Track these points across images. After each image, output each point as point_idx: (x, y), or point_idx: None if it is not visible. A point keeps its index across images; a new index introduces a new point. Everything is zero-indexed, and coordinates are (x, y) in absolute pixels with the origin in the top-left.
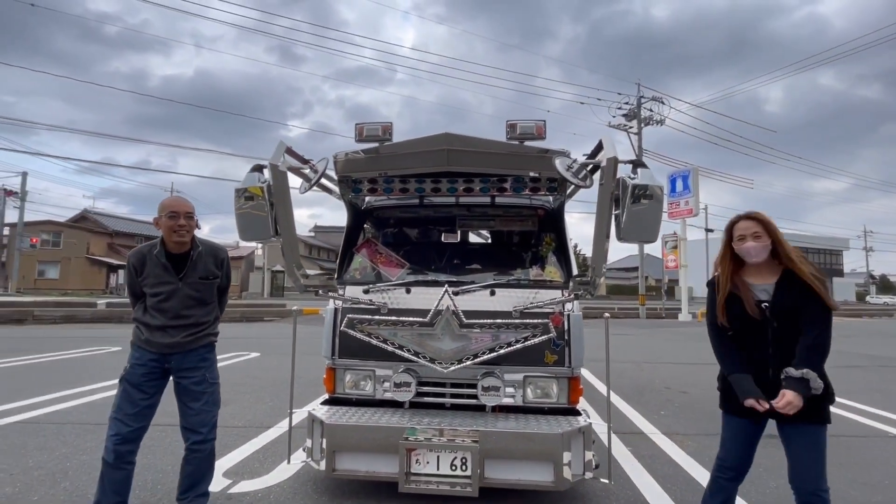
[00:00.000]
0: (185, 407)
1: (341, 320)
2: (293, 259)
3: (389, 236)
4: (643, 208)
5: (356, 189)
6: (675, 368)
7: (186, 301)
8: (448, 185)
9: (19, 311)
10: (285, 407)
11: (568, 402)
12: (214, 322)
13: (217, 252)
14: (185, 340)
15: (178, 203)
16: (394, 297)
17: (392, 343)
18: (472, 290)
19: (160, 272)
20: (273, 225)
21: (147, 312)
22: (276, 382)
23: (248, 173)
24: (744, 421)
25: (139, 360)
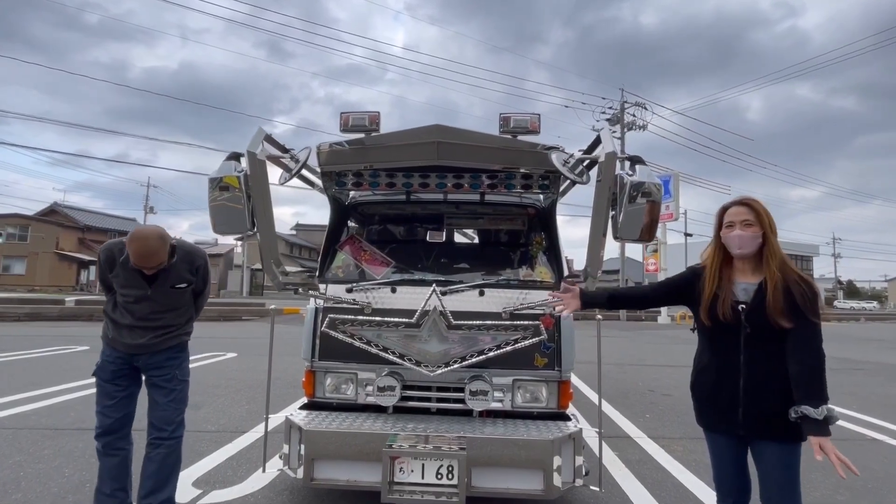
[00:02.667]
0: (153, 401)
1: (322, 320)
2: (271, 255)
3: (374, 233)
4: (641, 206)
5: (340, 183)
6: (658, 371)
7: (155, 307)
8: (437, 180)
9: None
10: (262, 410)
11: (558, 407)
12: (186, 323)
13: (193, 258)
14: (153, 342)
15: (146, 260)
16: (378, 297)
17: (376, 345)
18: (461, 290)
19: (129, 276)
20: (250, 218)
21: (117, 309)
22: (253, 384)
23: (224, 162)
24: (722, 437)
25: (108, 356)
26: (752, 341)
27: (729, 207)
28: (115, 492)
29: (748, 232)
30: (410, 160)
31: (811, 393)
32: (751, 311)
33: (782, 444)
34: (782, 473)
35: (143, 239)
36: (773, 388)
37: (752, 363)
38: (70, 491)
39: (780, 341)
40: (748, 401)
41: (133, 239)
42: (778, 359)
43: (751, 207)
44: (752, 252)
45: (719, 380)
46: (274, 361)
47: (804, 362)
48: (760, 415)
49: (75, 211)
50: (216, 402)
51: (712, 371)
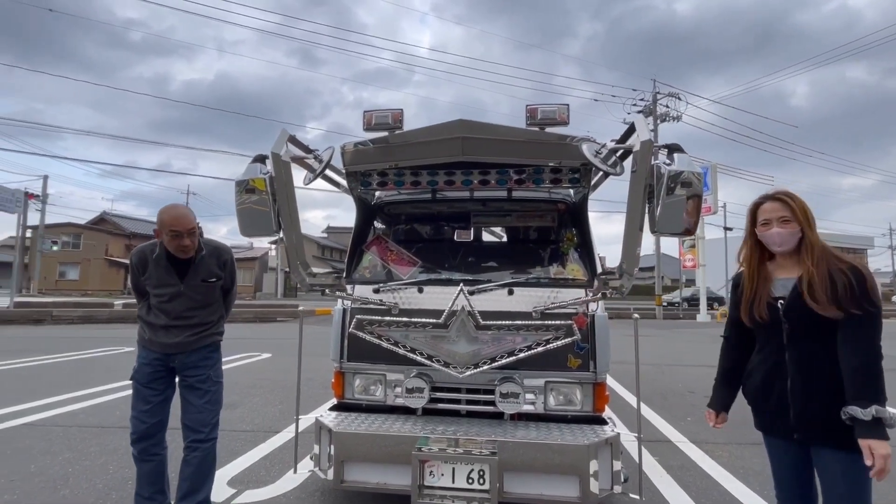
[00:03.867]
0: (187, 403)
1: (350, 321)
2: (297, 256)
3: (400, 233)
4: (680, 198)
5: (365, 183)
6: (698, 371)
7: (189, 303)
8: (463, 177)
9: (38, 312)
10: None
11: (593, 410)
12: (219, 322)
13: (221, 253)
14: (189, 340)
15: (179, 221)
16: (405, 297)
17: (404, 346)
18: (489, 290)
19: (162, 274)
20: (276, 220)
21: (151, 312)
22: (287, 385)
23: (249, 164)
24: (779, 441)
25: (145, 359)
26: (796, 338)
27: (762, 203)
28: (154, 494)
29: (786, 229)
30: (435, 157)
31: (860, 392)
32: (788, 307)
33: (845, 452)
34: (846, 486)
35: (173, 206)
36: (826, 388)
37: (799, 362)
38: (114, 488)
39: (831, 337)
40: (798, 402)
41: (163, 210)
42: (830, 356)
43: (785, 203)
44: (793, 247)
45: (768, 381)
46: (307, 362)
47: (851, 357)
48: (814, 417)
49: (122, 219)
50: (251, 402)
51: (760, 372)
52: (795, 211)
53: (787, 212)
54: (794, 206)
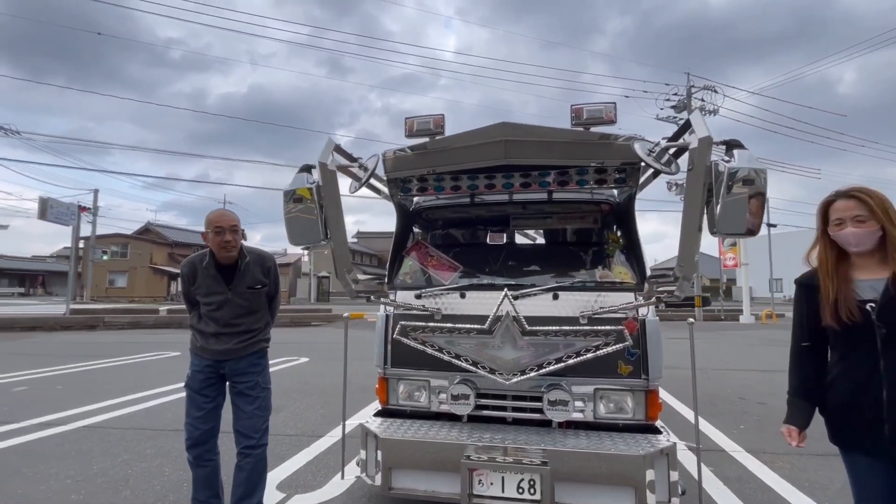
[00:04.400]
0: (238, 409)
1: (393, 327)
2: (344, 263)
3: (441, 238)
4: (741, 196)
5: (405, 189)
6: (746, 376)
7: (237, 310)
8: (503, 180)
9: (92, 318)
10: (336, 415)
11: (646, 419)
12: (265, 328)
13: (264, 260)
14: (238, 347)
15: (222, 218)
16: (447, 303)
17: (448, 352)
18: (534, 294)
19: (210, 282)
20: (323, 228)
21: (201, 320)
22: (326, 389)
23: (297, 174)
24: (866, 460)
25: (197, 366)
26: (892, 344)
27: (834, 202)
28: (209, 499)
29: (862, 228)
30: (477, 161)
31: None
32: (883, 309)
33: None
34: None
35: (218, 208)
36: None
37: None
38: (171, 490)
39: None
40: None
41: (210, 212)
42: None
43: (861, 201)
44: (872, 247)
45: (856, 391)
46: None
47: None
48: None
49: (165, 228)
50: (294, 406)
51: (847, 381)
52: (873, 208)
53: (863, 210)
54: (871, 204)
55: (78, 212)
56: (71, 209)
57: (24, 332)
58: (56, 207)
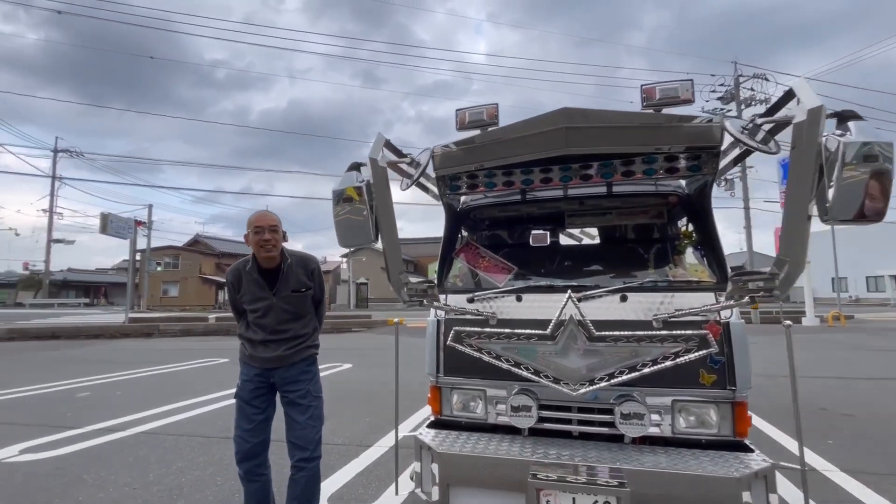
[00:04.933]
0: (290, 420)
1: (446, 333)
2: (396, 266)
3: (490, 239)
4: (862, 176)
5: (454, 187)
6: (824, 384)
7: (282, 315)
8: (561, 173)
9: (148, 326)
10: (384, 423)
11: (733, 435)
12: (313, 334)
13: (307, 262)
14: (286, 353)
15: (261, 217)
16: (502, 307)
17: (507, 359)
18: (599, 296)
19: (255, 288)
20: (373, 228)
21: (249, 328)
22: (372, 396)
23: (345, 173)
24: None
25: (246, 375)
26: None
27: None
28: None
29: None
30: (534, 153)
31: None
32: None
33: None
34: None
35: (259, 210)
36: None
37: None
38: (223, 500)
39: None
40: None
41: (252, 214)
42: None
43: None
44: None
45: None
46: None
47: None
48: None
49: (212, 240)
50: (340, 414)
51: None
52: None
53: None
54: None
55: (134, 226)
56: (128, 224)
57: (89, 339)
58: (115, 222)
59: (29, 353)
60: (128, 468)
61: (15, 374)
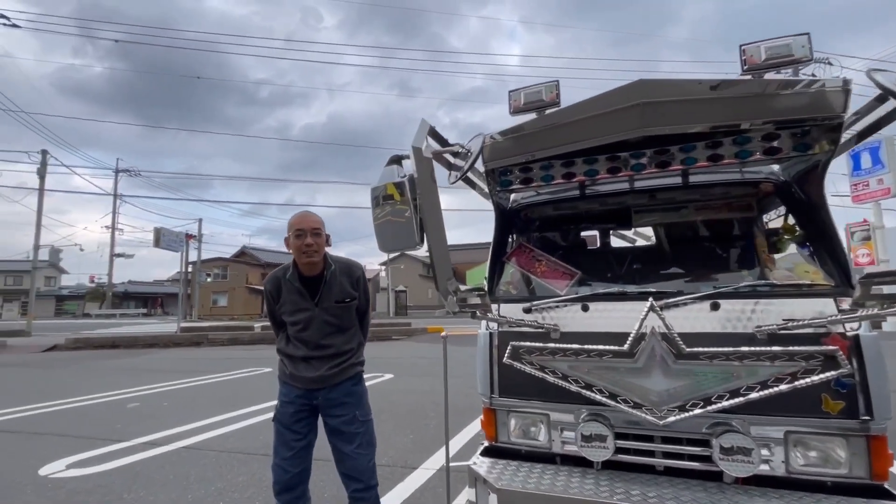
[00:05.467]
0: (338, 451)
1: (501, 348)
2: (444, 271)
3: (545, 241)
4: None
5: (504, 182)
6: None
7: (325, 328)
8: (632, 160)
9: (198, 335)
10: (428, 441)
11: (869, 476)
12: (358, 349)
13: (352, 270)
14: (330, 373)
15: (303, 219)
16: (565, 317)
17: (576, 380)
18: (685, 304)
19: (296, 298)
20: (418, 230)
21: (290, 343)
22: (414, 409)
23: (385, 167)
24: None
25: (287, 396)
26: None
27: None
28: None
29: None
30: (603, 137)
31: None
32: None
33: None
34: None
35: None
36: None
37: None
38: None
39: None
40: None
41: (293, 215)
42: None
43: None
44: None
45: None
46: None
47: None
48: None
49: (258, 251)
50: (382, 430)
51: None
52: None
53: None
54: None
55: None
56: (179, 237)
57: (145, 348)
58: (167, 236)
59: (91, 361)
60: (168, 487)
61: (77, 383)
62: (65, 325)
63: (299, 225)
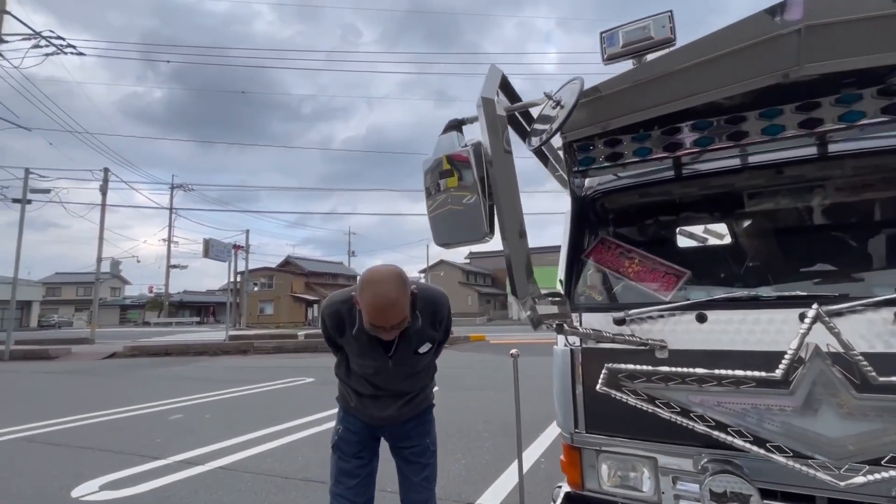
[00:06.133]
0: (405, 478)
1: (587, 370)
2: (522, 269)
3: (633, 235)
4: None
5: (586, 160)
6: None
7: (398, 377)
8: (764, 121)
9: (244, 343)
10: (483, 469)
11: None
12: (431, 381)
13: (437, 310)
14: (401, 413)
15: (382, 316)
16: (675, 331)
17: (703, 417)
18: (861, 310)
19: (364, 345)
20: (487, 215)
21: (352, 376)
22: (463, 428)
23: (441, 137)
24: None
25: (351, 426)
26: None
27: None
28: None
29: None
30: (733, 85)
31: None
32: None
33: None
34: None
35: (377, 283)
36: None
37: None
38: None
39: None
40: None
41: (367, 283)
42: None
43: None
44: None
45: None
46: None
47: None
48: None
49: (301, 260)
50: None
51: None
52: None
53: None
54: None
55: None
56: (227, 248)
57: (195, 356)
58: (216, 247)
59: (144, 369)
60: None
61: (127, 392)
62: (125, 333)
63: (377, 321)
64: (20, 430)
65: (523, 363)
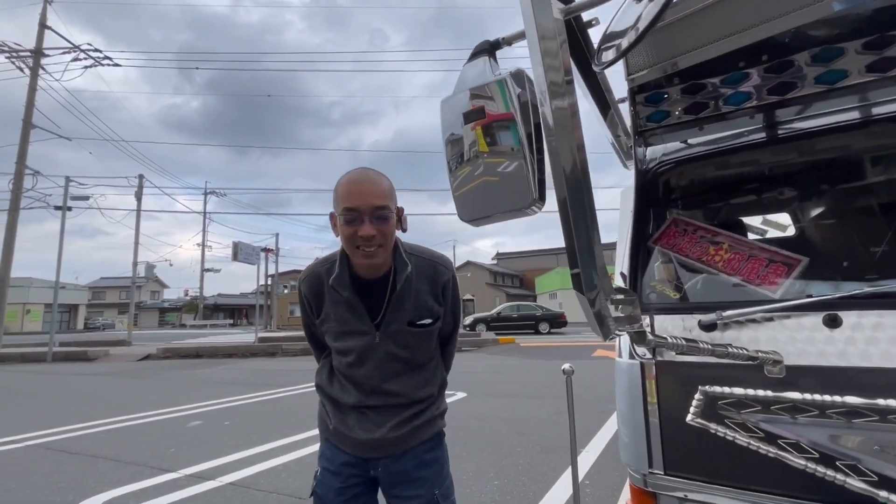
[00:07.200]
0: None
1: (664, 391)
2: (590, 258)
3: (732, 212)
4: None
5: (657, 115)
6: None
7: (389, 364)
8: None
9: (272, 346)
10: (517, 490)
11: None
12: (440, 393)
13: (436, 270)
14: (396, 436)
15: (357, 190)
16: (792, 339)
17: (855, 468)
18: None
19: (344, 313)
20: (536, 174)
21: (333, 379)
22: (495, 440)
23: (466, 64)
24: None
25: (331, 462)
26: None
27: None
28: None
29: None
30: None
31: None
32: None
33: None
34: None
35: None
36: None
37: None
38: None
39: None
40: None
41: (342, 177)
42: None
43: None
44: None
45: None
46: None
47: None
48: None
49: None
50: (459, 469)
51: None
52: None
53: None
54: None
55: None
56: (255, 251)
57: (224, 358)
58: (244, 250)
59: (174, 371)
60: None
61: (153, 395)
62: (161, 335)
63: (351, 201)
64: (39, 437)
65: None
